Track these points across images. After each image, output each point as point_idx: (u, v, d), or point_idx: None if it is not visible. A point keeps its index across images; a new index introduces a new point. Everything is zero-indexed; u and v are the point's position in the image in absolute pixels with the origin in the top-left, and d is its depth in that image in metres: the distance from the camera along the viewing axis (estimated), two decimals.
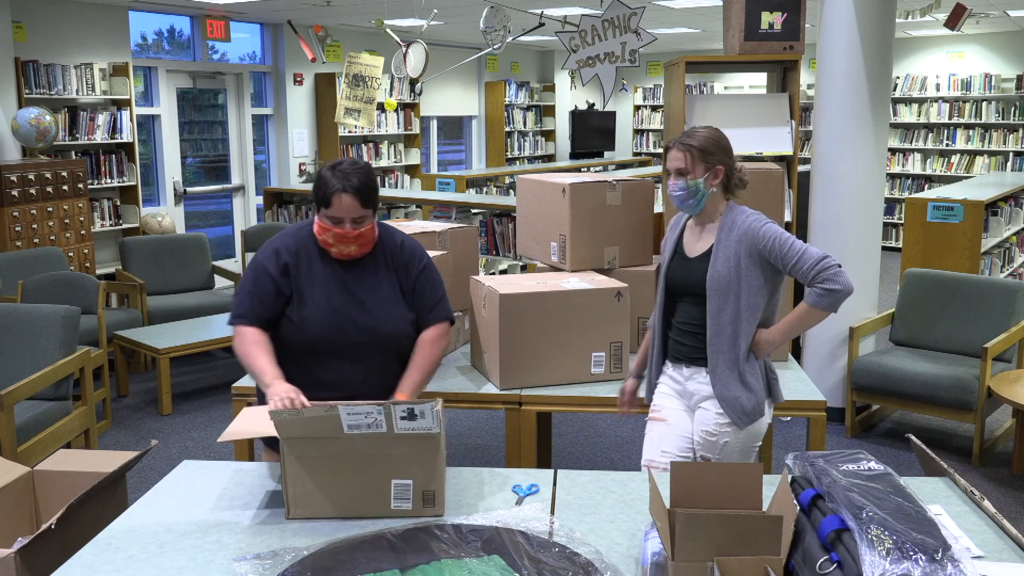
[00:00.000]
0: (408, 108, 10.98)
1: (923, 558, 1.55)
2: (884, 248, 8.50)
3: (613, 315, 3.33)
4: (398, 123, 10.90)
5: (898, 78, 11.73)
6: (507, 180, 10.78)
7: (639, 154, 14.10)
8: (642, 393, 3.04)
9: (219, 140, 9.53)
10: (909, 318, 5.39)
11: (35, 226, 6.57)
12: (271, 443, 2.69)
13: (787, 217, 4.65)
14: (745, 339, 2.67)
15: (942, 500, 2.27)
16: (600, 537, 2.10)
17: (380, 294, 2.61)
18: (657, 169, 10.54)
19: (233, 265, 8.92)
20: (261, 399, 2.57)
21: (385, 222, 2.75)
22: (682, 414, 2.84)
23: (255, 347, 2.49)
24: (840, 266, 2.58)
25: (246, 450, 3.40)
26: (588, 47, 4.97)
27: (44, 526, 2.23)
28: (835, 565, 1.64)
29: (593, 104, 13.91)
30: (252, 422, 2.35)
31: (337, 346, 2.55)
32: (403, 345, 2.65)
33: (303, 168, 10.04)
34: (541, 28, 8.12)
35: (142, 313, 6.33)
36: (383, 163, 10.74)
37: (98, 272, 7.17)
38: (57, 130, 6.93)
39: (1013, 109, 11.25)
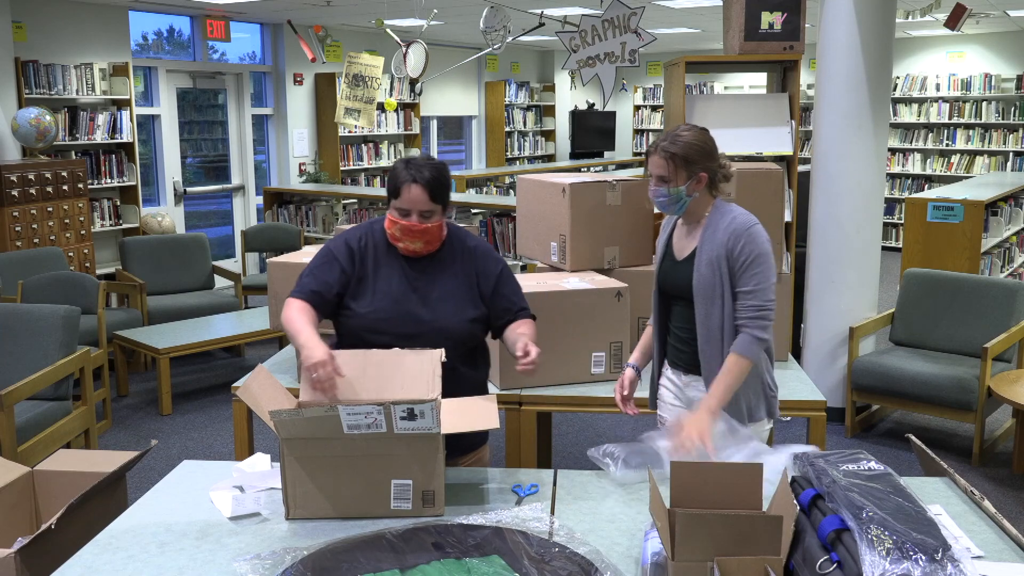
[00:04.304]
0: (408, 108, 10.98)
1: (923, 558, 1.55)
2: (884, 248, 8.48)
3: (613, 315, 3.32)
4: (398, 123, 10.90)
5: (898, 78, 11.73)
6: (507, 180, 10.79)
7: (639, 154, 14.09)
8: (644, 392, 3.00)
9: (219, 140, 9.53)
10: (909, 318, 5.39)
11: (35, 226, 6.58)
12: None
13: (787, 217, 4.65)
14: None
15: (942, 500, 2.27)
16: (600, 537, 2.10)
17: (444, 290, 2.58)
18: None
19: (233, 265, 8.92)
20: None
21: (455, 223, 2.73)
22: None
23: (297, 313, 2.48)
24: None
25: (246, 450, 3.40)
26: (588, 47, 4.97)
27: (44, 526, 2.23)
28: (835, 565, 1.64)
29: (593, 104, 13.90)
30: (263, 388, 2.29)
31: (394, 338, 2.49)
32: (465, 343, 2.60)
33: (303, 168, 10.04)
34: (541, 28, 8.12)
35: (142, 313, 6.33)
36: (383, 163, 10.74)
37: (98, 272, 7.17)
38: (57, 130, 6.93)
39: (1013, 109, 11.25)
